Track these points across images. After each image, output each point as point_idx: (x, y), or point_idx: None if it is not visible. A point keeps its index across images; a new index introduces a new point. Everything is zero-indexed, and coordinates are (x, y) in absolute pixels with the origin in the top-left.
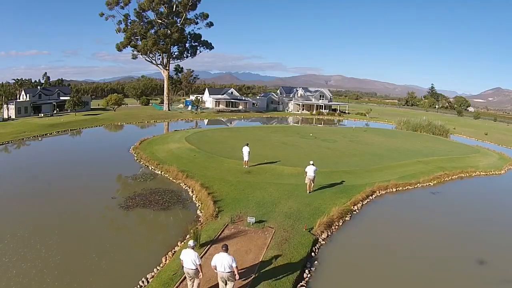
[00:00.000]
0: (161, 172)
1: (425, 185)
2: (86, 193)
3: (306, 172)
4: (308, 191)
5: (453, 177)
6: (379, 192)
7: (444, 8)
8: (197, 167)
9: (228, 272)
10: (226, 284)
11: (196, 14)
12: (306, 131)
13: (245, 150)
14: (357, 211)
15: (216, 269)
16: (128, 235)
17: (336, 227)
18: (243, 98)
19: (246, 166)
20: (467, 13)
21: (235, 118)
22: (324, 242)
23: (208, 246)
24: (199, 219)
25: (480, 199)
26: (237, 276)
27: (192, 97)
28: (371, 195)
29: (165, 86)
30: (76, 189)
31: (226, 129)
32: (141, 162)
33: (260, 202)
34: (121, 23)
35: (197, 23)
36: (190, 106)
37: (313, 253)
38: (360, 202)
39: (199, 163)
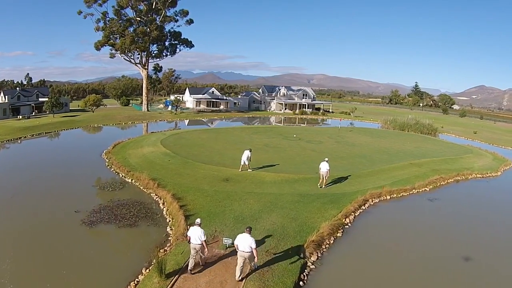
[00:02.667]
0: (131, 180)
1: (420, 190)
2: (48, 206)
3: (320, 168)
4: (319, 185)
5: (449, 181)
6: (372, 201)
7: (427, 6)
8: (170, 174)
9: (249, 252)
10: (242, 266)
11: (176, 11)
12: (289, 131)
13: (245, 155)
14: (349, 224)
15: (238, 248)
16: (87, 261)
17: (327, 246)
18: (224, 98)
19: (249, 170)
20: (450, 11)
21: (215, 119)
22: (314, 267)
23: (176, 276)
24: (169, 238)
25: (481, 205)
26: (256, 258)
27: (173, 97)
28: (364, 205)
29: (144, 86)
30: (38, 202)
31: (205, 131)
32: (112, 169)
33: (238, 217)
34: (100, 21)
35: (177, 21)
36: (170, 107)
37: (301, 282)
38: (352, 213)
39: (173, 170)
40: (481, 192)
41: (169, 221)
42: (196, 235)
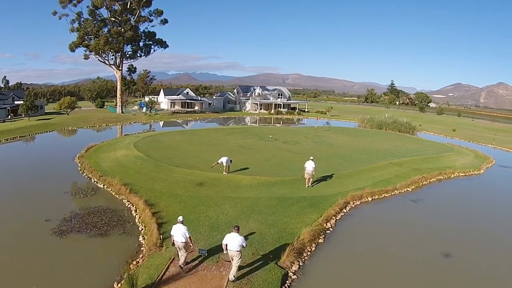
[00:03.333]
0: (103, 185)
1: (403, 191)
2: (18, 214)
3: (305, 168)
4: (306, 185)
5: (431, 180)
6: (353, 203)
7: (401, 5)
8: (143, 179)
9: (238, 251)
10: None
11: (150, 11)
12: (265, 132)
13: (224, 159)
14: (330, 229)
15: (227, 248)
16: (56, 275)
17: (308, 253)
18: (199, 99)
19: (224, 173)
20: (424, 9)
21: (190, 120)
22: (295, 277)
23: None
24: (141, 248)
25: (466, 205)
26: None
27: (147, 99)
28: (345, 208)
29: (118, 87)
30: (7, 209)
31: (179, 132)
32: (84, 174)
33: (214, 224)
34: (75, 22)
35: (151, 21)
36: (144, 108)
37: None
38: (333, 217)
39: (145, 174)
40: (465, 191)
41: (142, 229)
42: (180, 232)
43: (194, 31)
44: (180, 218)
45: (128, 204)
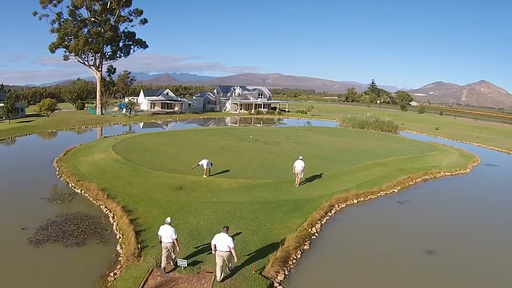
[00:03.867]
0: (81, 190)
1: (388, 192)
2: None
3: (294, 167)
4: (296, 184)
5: (417, 181)
6: (339, 206)
7: (380, 4)
8: (121, 184)
9: (227, 251)
10: (222, 266)
11: (130, 10)
12: (245, 132)
13: (204, 162)
14: (316, 235)
15: (215, 248)
16: None
17: (294, 261)
18: (179, 99)
19: (204, 176)
20: (403, 8)
21: (170, 121)
22: (281, 287)
23: None
24: (119, 258)
25: (454, 206)
26: (235, 259)
27: (127, 100)
28: (330, 211)
29: (98, 88)
30: None
31: (158, 134)
32: (62, 178)
33: (194, 231)
34: (55, 22)
35: (131, 21)
36: (124, 109)
37: None
38: (318, 221)
39: (123, 178)
40: (452, 191)
41: (119, 237)
42: (167, 233)
43: (174, 32)
44: (168, 219)
45: (106, 210)
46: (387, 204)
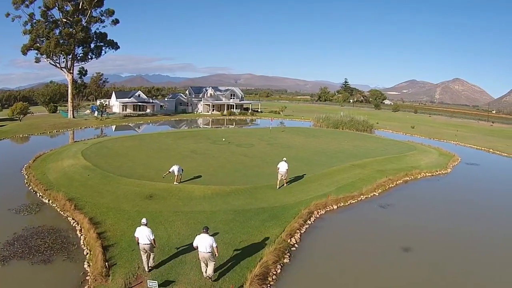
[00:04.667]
0: (48, 200)
1: (369, 196)
2: None
3: (278, 168)
4: (278, 187)
5: (397, 182)
6: (318, 213)
7: (350, 3)
8: (89, 192)
9: (209, 252)
10: (207, 264)
11: (102, 10)
12: (218, 135)
13: (175, 168)
14: (296, 246)
15: (198, 249)
16: None
17: (274, 277)
18: (151, 101)
19: (175, 183)
20: (373, 6)
21: (141, 123)
22: None
23: None
24: (87, 277)
25: (438, 208)
26: (217, 255)
27: (99, 102)
28: (309, 219)
29: (69, 91)
30: None
31: (129, 138)
32: (30, 187)
33: (164, 246)
34: (27, 24)
35: (103, 21)
36: (96, 112)
37: None
38: (298, 231)
39: (92, 186)
40: (434, 192)
41: (87, 253)
42: (144, 234)
43: (146, 32)
44: (144, 220)
45: (73, 222)
46: (369, 209)
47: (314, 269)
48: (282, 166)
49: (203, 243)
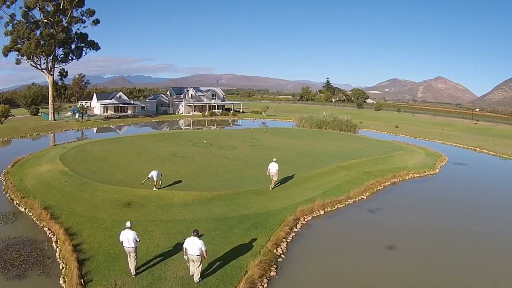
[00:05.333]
0: (25, 209)
1: (357, 199)
2: None
3: (268, 169)
4: (271, 187)
5: (385, 184)
6: (304, 219)
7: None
8: (65, 200)
9: (198, 255)
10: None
11: (82, 10)
12: (199, 136)
13: (154, 173)
14: (283, 256)
15: (187, 252)
16: None
17: None
18: (132, 102)
19: (154, 189)
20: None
21: (122, 125)
22: None
23: None
24: None
25: (431, 211)
26: (205, 257)
27: (80, 104)
28: (295, 226)
29: (50, 93)
30: None
31: (108, 141)
32: (7, 194)
33: (143, 259)
34: (8, 24)
35: (84, 22)
36: (77, 114)
37: None
38: (284, 240)
39: (69, 194)
40: (424, 194)
41: (63, 268)
42: (129, 238)
43: (128, 33)
44: (128, 223)
45: (49, 233)
46: (357, 214)
47: (303, 283)
48: (273, 167)
49: (193, 246)
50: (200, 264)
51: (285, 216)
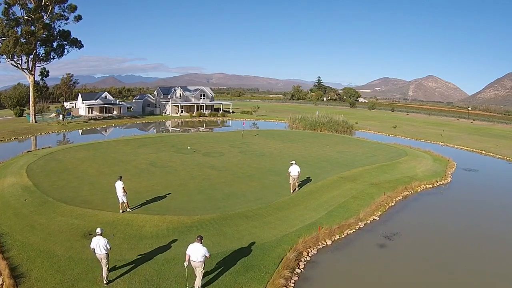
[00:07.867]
0: None
1: (368, 221)
2: None
3: (289, 172)
4: (291, 191)
5: (397, 199)
6: (308, 253)
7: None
8: (20, 226)
9: (201, 261)
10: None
11: (63, 6)
12: (183, 141)
13: (118, 186)
14: None
15: (189, 258)
16: None
17: None
18: (117, 103)
19: (121, 211)
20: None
21: (105, 127)
22: None
23: None
24: None
25: (457, 233)
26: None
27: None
28: (298, 265)
29: (31, 93)
30: None
31: (83, 147)
32: None
33: None
34: None
35: (67, 18)
36: (61, 115)
37: None
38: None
39: (26, 217)
40: (442, 210)
41: None
42: (100, 244)
43: (119, 32)
44: (99, 230)
45: None
46: (371, 243)
47: None
48: (294, 170)
49: (196, 253)
50: (202, 270)
51: (284, 250)
